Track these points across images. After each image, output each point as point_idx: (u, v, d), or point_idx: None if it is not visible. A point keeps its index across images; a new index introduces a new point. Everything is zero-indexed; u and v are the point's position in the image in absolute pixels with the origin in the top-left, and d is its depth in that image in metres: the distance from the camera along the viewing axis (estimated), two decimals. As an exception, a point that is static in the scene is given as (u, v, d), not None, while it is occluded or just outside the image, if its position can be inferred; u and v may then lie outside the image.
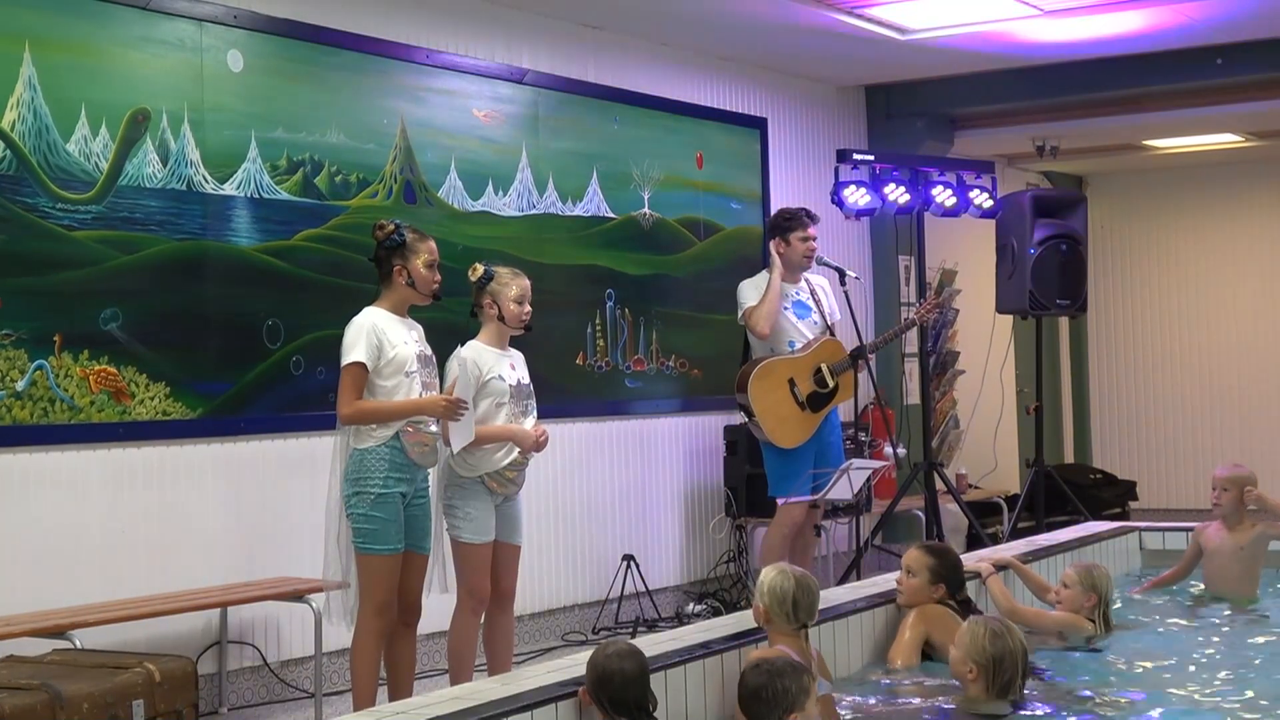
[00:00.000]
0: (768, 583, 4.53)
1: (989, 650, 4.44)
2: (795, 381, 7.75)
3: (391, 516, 5.53)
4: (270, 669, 6.82)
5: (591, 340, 8.64)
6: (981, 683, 4.44)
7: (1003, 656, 4.43)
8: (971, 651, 4.46)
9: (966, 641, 4.49)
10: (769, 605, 4.50)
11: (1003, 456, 11.52)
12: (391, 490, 5.52)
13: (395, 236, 5.63)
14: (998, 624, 4.57)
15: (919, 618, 5.21)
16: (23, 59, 6.04)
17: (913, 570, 5.28)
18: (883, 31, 9.21)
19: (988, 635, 4.47)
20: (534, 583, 8.03)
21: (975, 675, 4.45)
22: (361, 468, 5.52)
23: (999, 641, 4.46)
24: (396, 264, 5.64)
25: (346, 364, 5.53)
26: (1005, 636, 4.48)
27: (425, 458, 5.64)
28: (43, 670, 5.19)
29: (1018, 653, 4.47)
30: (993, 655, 4.43)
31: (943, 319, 11.60)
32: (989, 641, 4.45)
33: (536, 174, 8.31)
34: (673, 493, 9.20)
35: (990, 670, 4.43)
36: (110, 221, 6.30)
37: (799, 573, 4.58)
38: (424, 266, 5.66)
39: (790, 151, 10.31)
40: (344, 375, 5.53)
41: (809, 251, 7.82)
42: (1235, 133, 12.30)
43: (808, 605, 4.52)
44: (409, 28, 7.67)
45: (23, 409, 5.98)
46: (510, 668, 6.04)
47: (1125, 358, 14.29)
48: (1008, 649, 4.45)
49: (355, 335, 5.55)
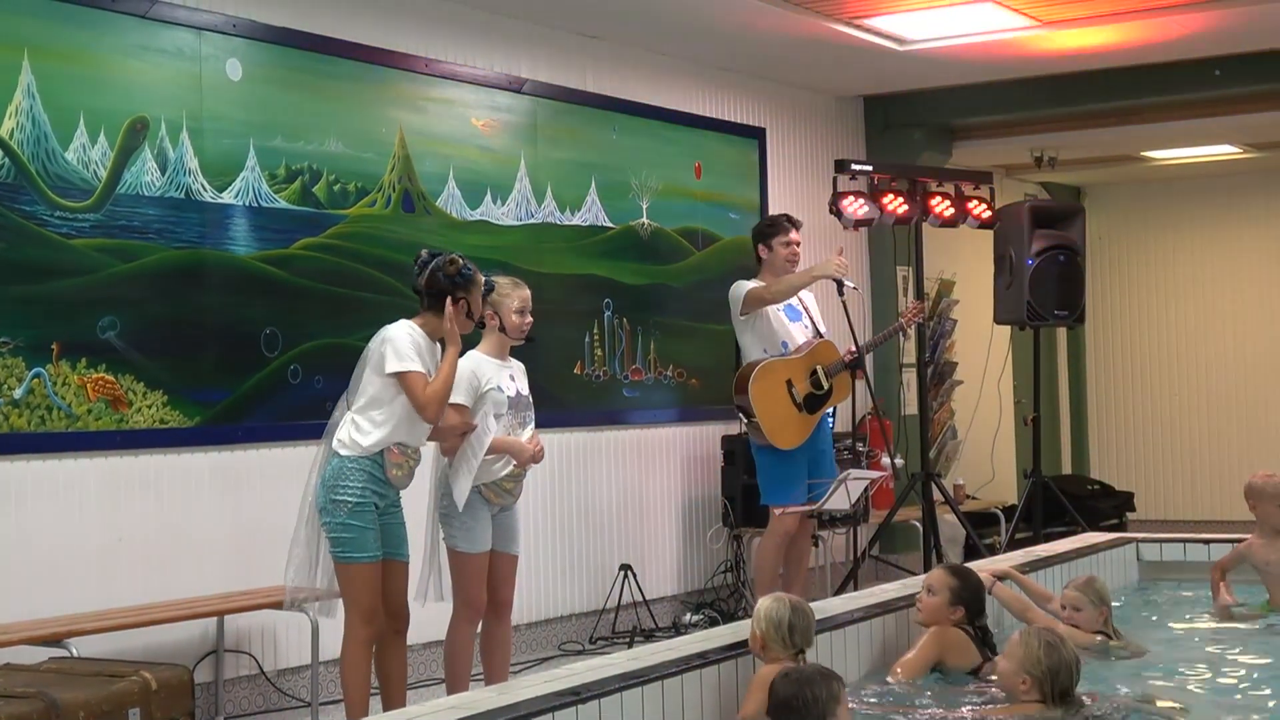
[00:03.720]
0: (763, 610, 4.50)
1: (1045, 662, 4.44)
2: (793, 383, 7.78)
3: (369, 524, 5.54)
4: (267, 678, 6.81)
5: (589, 350, 8.64)
6: (1036, 693, 4.44)
7: (1059, 668, 4.43)
8: (1026, 663, 4.45)
9: (1020, 654, 4.48)
10: (765, 631, 4.47)
11: (1000, 467, 11.52)
12: (368, 500, 5.53)
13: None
14: (1051, 635, 4.58)
15: (935, 639, 5.17)
16: (22, 67, 6.04)
17: (934, 589, 5.23)
18: (881, 42, 9.23)
19: (1042, 647, 4.46)
20: (531, 592, 8.03)
21: (1029, 686, 4.44)
22: (340, 475, 5.52)
23: (1054, 653, 4.45)
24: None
25: (405, 371, 5.51)
26: (1060, 648, 4.48)
27: (400, 480, 5.64)
28: (39, 678, 5.18)
29: (1072, 662, 4.47)
30: (1049, 667, 4.43)
31: (940, 329, 11.60)
32: (1044, 653, 4.45)
33: (535, 183, 8.32)
34: (670, 503, 9.20)
35: (1048, 681, 4.42)
36: (108, 230, 6.30)
37: (794, 599, 4.57)
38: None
39: (789, 162, 10.32)
40: (412, 382, 5.51)
41: (791, 256, 7.90)
42: (1233, 144, 12.31)
43: (803, 630, 4.49)
44: (408, 37, 7.68)
45: (20, 417, 5.97)
46: (507, 677, 6.03)
47: (1123, 368, 14.30)
48: (1063, 660, 4.45)
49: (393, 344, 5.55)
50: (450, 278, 5.66)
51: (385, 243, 7.38)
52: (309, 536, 5.67)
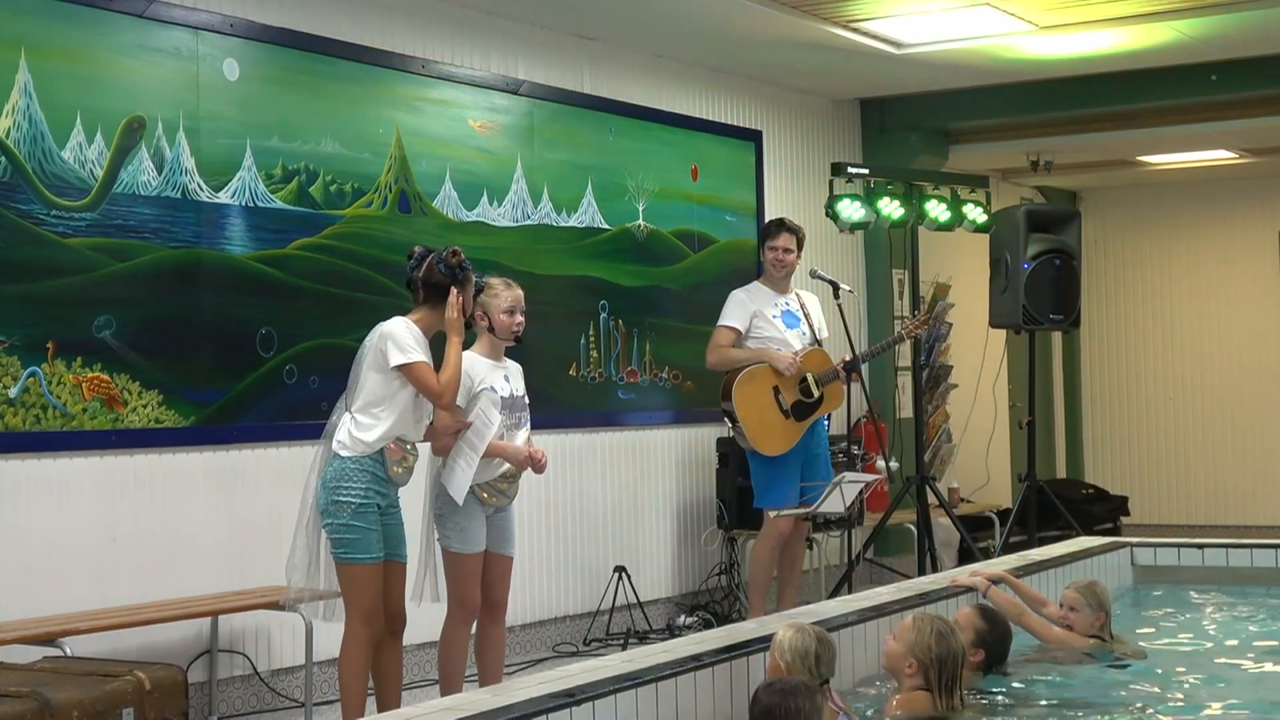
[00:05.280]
0: (787, 642, 4.39)
1: (934, 649, 4.46)
2: (780, 390, 7.80)
3: (372, 525, 5.54)
4: (260, 678, 6.81)
5: (585, 351, 8.64)
6: (921, 678, 4.46)
7: (946, 657, 4.45)
8: (915, 648, 4.48)
9: (910, 638, 4.50)
10: (791, 663, 4.36)
11: (995, 471, 11.53)
12: (371, 501, 5.54)
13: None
14: (944, 624, 4.58)
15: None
16: (18, 66, 6.04)
17: (960, 628, 5.16)
18: (878, 45, 9.23)
19: (934, 634, 4.48)
20: (525, 593, 8.03)
21: (914, 671, 4.47)
22: (342, 476, 5.52)
23: (944, 642, 4.47)
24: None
25: (411, 362, 5.51)
26: (950, 638, 4.49)
27: (400, 476, 5.65)
28: (32, 677, 5.18)
29: (959, 654, 4.50)
30: (937, 655, 4.46)
31: (936, 333, 11.61)
32: (934, 640, 4.47)
33: (531, 185, 8.32)
34: (665, 504, 9.20)
35: (934, 669, 4.45)
36: (104, 229, 6.30)
37: (815, 628, 4.50)
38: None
39: (785, 164, 10.32)
40: (418, 373, 5.51)
41: (775, 261, 8.00)
42: (1229, 149, 12.33)
43: (829, 660, 4.41)
44: (405, 38, 7.68)
45: (15, 416, 5.97)
46: (501, 679, 6.03)
47: (1118, 373, 14.31)
48: (951, 650, 4.47)
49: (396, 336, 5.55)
50: (452, 269, 5.66)
51: (382, 243, 7.38)
52: (310, 538, 5.67)
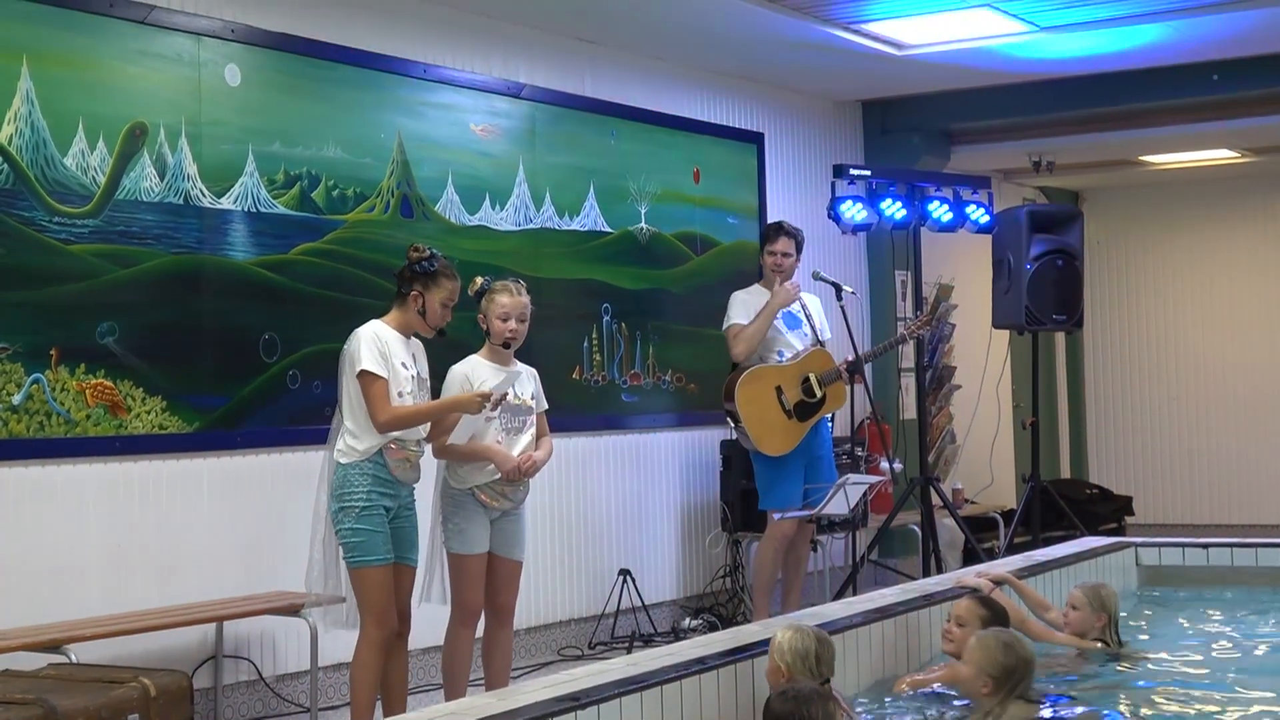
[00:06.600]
0: (787, 643, 4.39)
1: (1003, 661, 4.45)
2: (783, 390, 7.80)
3: (378, 528, 5.56)
4: (266, 683, 6.81)
5: (588, 354, 8.64)
6: (997, 694, 4.44)
7: (1017, 666, 4.44)
8: (986, 666, 4.46)
9: (979, 657, 4.47)
10: (791, 664, 4.37)
11: (999, 471, 11.51)
12: (375, 503, 5.56)
13: (427, 264, 5.69)
14: (1008, 634, 4.57)
15: (955, 672, 5.09)
16: (20, 73, 6.04)
17: (963, 621, 5.08)
18: (879, 47, 9.23)
19: (1000, 647, 4.47)
20: (530, 597, 8.01)
21: (990, 689, 4.45)
22: (345, 482, 5.56)
23: (1011, 652, 4.46)
24: (416, 289, 5.69)
25: (362, 372, 5.54)
26: (1016, 646, 4.48)
27: (407, 474, 5.67)
28: (38, 685, 5.18)
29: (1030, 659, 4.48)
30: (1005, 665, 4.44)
31: (939, 334, 11.61)
32: (1002, 653, 4.45)
33: (533, 188, 8.32)
34: (669, 507, 9.19)
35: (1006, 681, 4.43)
36: (107, 235, 6.30)
37: (814, 628, 4.51)
38: (439, 303, 5.72)
39: (787, 166, 10.32)
40: (367, 385, 5.54)
41: (774, 265, 8.06)
42: (1231, 148, 12.31)
43: (829, 659, 4.41)
44: (406, 42, 7.68)
45: (19, 423, 5.97)
46: (508, 683, 6.03)
47: (1121, 372, 14.30)
48: (1020, 657, 4.46)
49: (361, 345, 5.57)
50: (412, 265, 5.68)
51: (384, 248, 7.38)
52: (325, 548, 5.70)
